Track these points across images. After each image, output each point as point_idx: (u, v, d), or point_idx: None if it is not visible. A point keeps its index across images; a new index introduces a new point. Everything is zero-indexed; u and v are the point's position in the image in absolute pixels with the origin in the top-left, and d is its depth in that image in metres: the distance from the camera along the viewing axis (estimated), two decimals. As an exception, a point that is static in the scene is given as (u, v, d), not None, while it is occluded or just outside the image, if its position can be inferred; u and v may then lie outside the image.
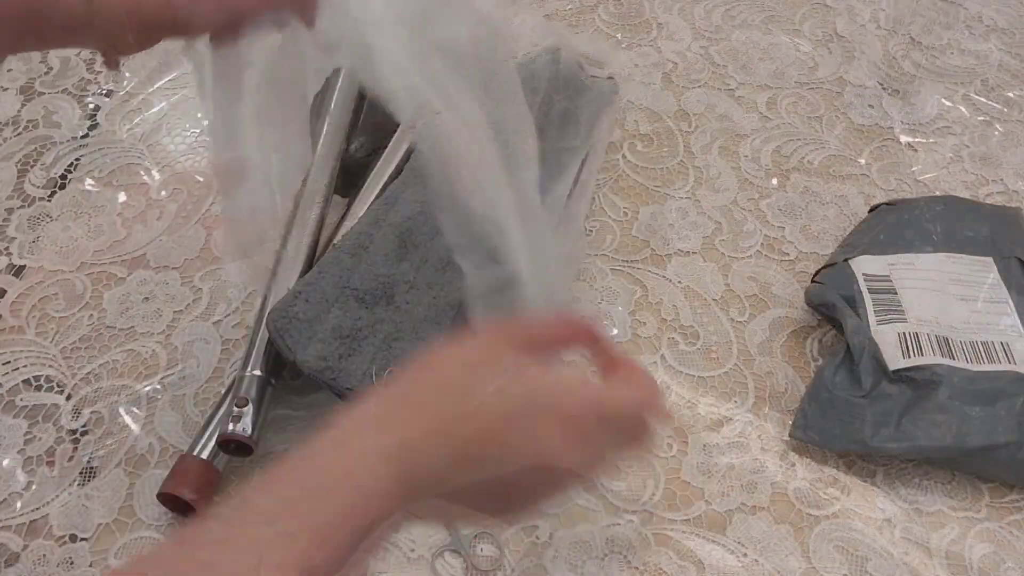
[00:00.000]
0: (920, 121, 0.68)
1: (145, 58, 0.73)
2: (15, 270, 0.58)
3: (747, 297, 0.57)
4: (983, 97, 0.70)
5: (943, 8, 0.78)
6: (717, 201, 0.62)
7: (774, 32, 0.75)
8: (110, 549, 0.46)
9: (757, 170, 0.64)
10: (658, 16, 0.77)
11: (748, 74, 0.72)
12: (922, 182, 0.64)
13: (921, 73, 0.72)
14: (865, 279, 0.53)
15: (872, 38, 0.75)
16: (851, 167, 0.65)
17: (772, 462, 0.50)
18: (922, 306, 0.51)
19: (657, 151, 0.66)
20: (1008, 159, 0.66)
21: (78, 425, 0.50)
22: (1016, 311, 0.51)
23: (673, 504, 0.48)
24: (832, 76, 0.72)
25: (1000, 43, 0.75)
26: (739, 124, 0.68)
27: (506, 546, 0.46)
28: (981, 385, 0.48)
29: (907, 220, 0.56)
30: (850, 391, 0.49)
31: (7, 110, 0.68)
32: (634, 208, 0.62)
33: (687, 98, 0.70)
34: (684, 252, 0.59)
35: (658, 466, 0.49)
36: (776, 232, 0.61)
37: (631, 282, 0.58)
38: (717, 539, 0.47)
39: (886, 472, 0.49)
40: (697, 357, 0.54)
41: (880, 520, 0.47)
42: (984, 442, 0.46)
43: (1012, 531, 0.47)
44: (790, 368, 0.54)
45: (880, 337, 0.50)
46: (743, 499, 0.48)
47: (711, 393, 0.52)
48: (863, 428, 0.47)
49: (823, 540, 0.47)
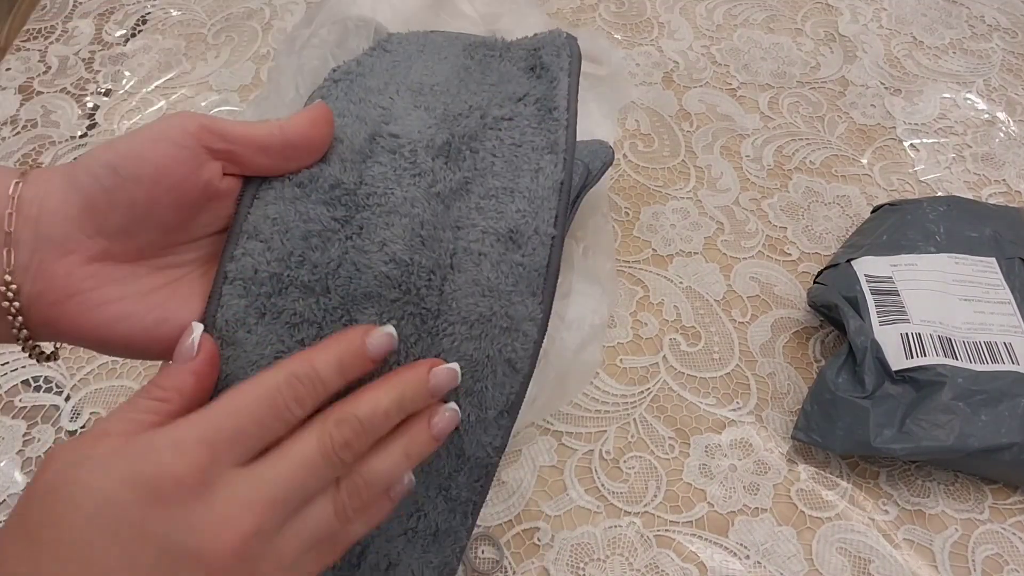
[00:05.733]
0: (922, 121, 0.68)
1: (144, 57, 0.73)
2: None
3: (749, 298, 0.57)
4: (986, 97, 0.70)
5: (945, 8, 0.78)
6: (719, 201, 0.62)
7: (776, 31, 0.75)
8: (109, 551, 0.46)
9: (759, 170, 0.64)
10: (659, 15, 0.77)
11: (750, 73, 0.71)
12: (925, 182, 0.64)
13: (923, 73, 0.72)
14: (867, 280, 0.52)
15: (874, 38, 0.75)
16: (853, 167, 0.65)
17: (774, 464, 0.49)
18: (925, 307, 0.51)
19: (658, 151, 0.66)
20: (1011, 159, 0.65)
21: (77, 426, 0.50)
22: (1019, 311, 0.51)
23: (675, 506, 0.48)
24: (834, 76, 0.71)
25: (1003, 43, 0.75)
26: (741, 124, 0.67)
27: (506, 548, 0.46)
28: (984, 386, 0.48)
29: (910, 221, 0.55)
30: (853, 392, 0.48)
31: (5, 109, 0.68)
32: (635, 208, 0.62)
33: (688, 98, 0.69)
34: (685, 252, 0.59)
35: (660, 468, 0.49)
36: (778, 232, 0.60)
37: (632, 282, 0.58)
38: (719, 541, 0.46)
39: (889, 474, 0.49)
40: (699, 358, 0.54)
41: (883, 522, 0.47)
42: (987, 443, 0.46)
43: (1015, 533, 0.47)
44: (792, 369, 0.53)
45: (883, 338, 0.50)
46: (745, 501, 0.48)
47: (713, 394, 0.52)
48: (866, 429, 0.47)
49: (826, 542, 0.46)
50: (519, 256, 0.32)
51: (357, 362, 0.29)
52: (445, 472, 0.33)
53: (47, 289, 0.28)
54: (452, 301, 0.31)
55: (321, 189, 0.32)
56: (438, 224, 0.32)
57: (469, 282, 0.32)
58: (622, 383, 0.53)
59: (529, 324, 0.32)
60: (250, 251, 0.31)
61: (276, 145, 0.31)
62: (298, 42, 0.56)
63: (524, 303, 0.32)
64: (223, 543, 0.25)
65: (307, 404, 0.28)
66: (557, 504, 0.48)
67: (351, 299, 0.31)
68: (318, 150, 0.32)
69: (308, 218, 0.31)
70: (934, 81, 0.71)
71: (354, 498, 0.29)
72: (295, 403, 0.28)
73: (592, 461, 0.49)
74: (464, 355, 0.31)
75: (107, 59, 0.73)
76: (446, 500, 0.33)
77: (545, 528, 0.47)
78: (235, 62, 0.72)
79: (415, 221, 0.31)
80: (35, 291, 0.28)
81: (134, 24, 0.77)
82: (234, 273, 0.31)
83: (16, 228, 0.28)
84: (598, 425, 0.51)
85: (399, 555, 0.34)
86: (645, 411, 0.51)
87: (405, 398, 0.30)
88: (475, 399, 0.32)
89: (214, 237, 0.32)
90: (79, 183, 0.28)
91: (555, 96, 0.35)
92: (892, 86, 0.71)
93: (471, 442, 0.32)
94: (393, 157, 0.33)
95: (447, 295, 0.31)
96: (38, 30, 0.76)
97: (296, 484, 0.27)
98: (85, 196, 0.28)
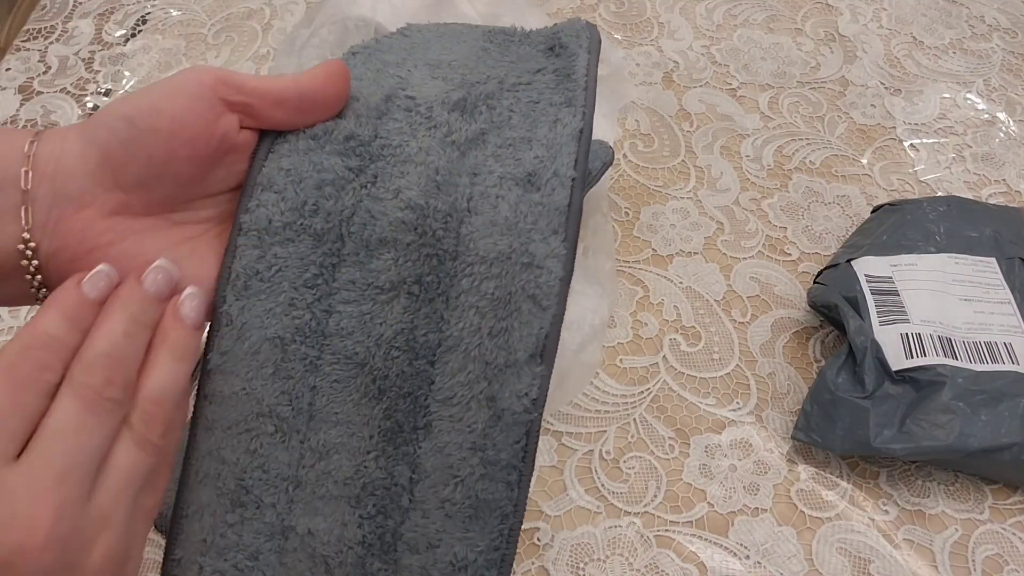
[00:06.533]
0: (922, 121, 0.68)
1: (144, 57, 0.73)
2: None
3: (749, 298, 0.57)
4: (986, 97, 0.70)
5: (945, 8, 0.78)
6: (719, 201, 0.62)
7: (776, 31, 0.75)
8: (109, 551, 0.46)
9: (759, 170, 0.64)
10: (659, 15, 0.77)
11: (750, 73, 0.71)
12: (924, 182, 0.64)
13: (923, 73, 0.72)
14: (867, 280, 0.52)
15: (874, 37, 0.75)
16: (853, 167, 0.65)
17: (774, 464, 0.49)
18: (925, 307, 0.51)
19: (658, 151, 0.66)
20: (1011, 159, 0.65)
21: (77, 426, 0.50)
22: (1019, 311, 0.51)
23: (675, 506, 0.48)
24: (834, 76, 0.71)
25: (1003, 43, 0.75)
26: (741, 124, 0.67)
27: (507, 548, 0.46)
28: (984, 386, 0.48)
29: (910, 221, 0.55)
30: (852, 392, 0.48)
31: (5, 109, 0.68)
32: (635, 208, 0.62)
33: (688, 98, 0.69)
34: (685, 252, 0.59)
35: (660, 468, 0.49)
36: (778, 232, 0.60)
37: (632, 282, 0.58)
38: (719, 541, 0.46)
39: (889, 474, 0.49)
40: (699, 358, 0.54)
41: (883, 522, 0.47)
42: (987, 443, 0.46)
43: (1015, 533, 0.47)
44: (792, 369, 0.53)
45: (883, 338, 0.50)
46: (745, 501, 0.48)
47: (713, 394, 0.52)
48: (866, 429, 0.47)
49: (826, 542, 0.46)
50: (538, 196, 0.31)
51: (81, 309, 0.28)
52: (478, 428, 0.31)
53: (65, 245, 0.28)
54: (470, 242, 0.31)
55: (335, 141, 0.32)
56: (453, 170, 0.32)
57: (487, 223, 0.31)
58: (622, 383, 0.53)
59: (552, 260, 0.30)
60: (264, 202, 0.31)
61: (292, 98, 0.31)
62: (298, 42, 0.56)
63: (546, 241, 0.31)
64: (34, 539, 0.24)
65: (54, 366, 0.27)
66: (557, 504, 0.48)
67: (365, 245, 0.31)
68: (334, 105, 0.32)
69: (322, 168, 0.31)
70: (934, 81, 0.71)
71: (151, 424, 0.28)
72: (39, 371, 0.26)
73: (592, 461, 0.49)
74: (485, 294, 0.30)
75: (107, 59, 0.73)
76: (483, 463, 0.31)
77: (545, 528, 0.47)
78: (235, 62, 0.72)
79: (430, 168, 0.31)
80: (53, 248, 0.28)
81: (134, 24, 0.77)
82: (248, 224, 0.31)
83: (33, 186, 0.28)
84: (598, 425, 0.51)
85: (439, 534, 0.31)
86: (645, 411, 0.51)
87: (134, 313, 0.28)
88: (501, 340, 0.30)
89: (231, 194, 0.32)
90: (96, 137, 0.29)
91: (574, 67, 0.34)
92: (892, 86, 0.71)
93: (503, 391, 0.30)
94: (409, 114, 0.33)
95: (464, 237, 0.31)
96: (38, 30, 0.76)
97: (75, 447, 0.26)
98: (102, 149, 0.28)
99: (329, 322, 0.31)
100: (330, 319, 0.31)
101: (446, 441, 0.31)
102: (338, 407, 0.31)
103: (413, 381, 0.31)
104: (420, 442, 0.31)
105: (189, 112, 0.29)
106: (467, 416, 0.31)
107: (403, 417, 0.31)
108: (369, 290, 0.31)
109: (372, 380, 0.31)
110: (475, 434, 0.31)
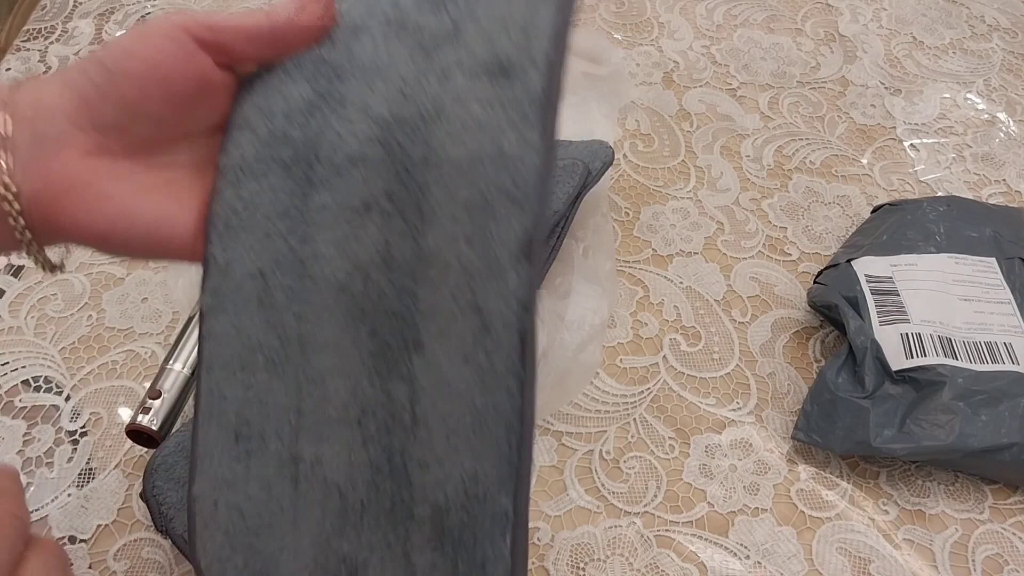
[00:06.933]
0: (922, 121, 0.68)
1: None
2: (13, 270, 0.57)
3: (749, 298, 0.57)
4: (986, 97, 0.70)
5: (945, 8, 0.78)
6: (719, 201, 0.62)
7: (776, 31, 0.75)
8: (109, 551, 0.46)
9: (759, 170, 0.64)
10: (659, 15, 0.77)
11: (750, 74, 0.71)
12: (924, 182, 0.64)
13: (923, 73, 0.72)
14: (867, 280, 0.52)
15: (874, 37, 0.75)
16: (853, 167, 0.65)
17: (774, 464, 0.49)
18: (925, 307, 0.51)
19: (658, 151, 0.66)
20: (1011, 159, 0.65)
21: (77, 426, 0.50)
22: (1019, 311, 0.51)
23: (675, 506, 0.48)
24: (834, 76, 0.71)
25: (1003, 43, 0.75)
26: (741, 124, 0.67)
27: (507, 548, 0.46)
28: (984, 386, 0.48)
29: (910, 221, 0.55)
30: (853, 392, 0.48)
31: (6, 109, 0.68)
32: (635, 208, 0.62)
33: (688, 98, 0.69)
34: (686, 252, 0.59)
35: (660, 468, 0.49)
36: (778, 232, 0.60)
37: (632, 282, 0.58)
38: (719, 541, 0.46)
39: (889, 474, 0.49)
40: (699, 358, 0.54)
41: (883, 522, 0.47)
42: (987, 443, 0.46)
43: (1015, 533, 0.47)
44: (792, 369, 0.53)
45: (883, 338, 0.50)
46: (745, 501, 0.48)
47: (713, 394, 0.52)
48: (866, 429, 0.47)
49: (826, 542, 0.46)
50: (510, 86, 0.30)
51: None
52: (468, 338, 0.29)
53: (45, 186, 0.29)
54: (440, 148, 0.30)
55: (305, 69, 0.32)
56: (421, 75, 0.31)
57: (457, 126, 0.30)
58: (622, 383, 0.53)
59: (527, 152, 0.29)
60: (239, 142, 0.31)
61: (264, 32, 0.31)
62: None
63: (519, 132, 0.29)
64: None
65: None
66: (557, 504, 0.48)
67: (336, 169, 0.31)
68: (311, 34, 0.32)
69: (290, 97, 0.31)
70: (934, 81, 0.71)
71: None
72: None
73: (592, 461, 0.49)
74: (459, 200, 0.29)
75: (107, 59, 0.73)
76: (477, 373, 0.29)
77: (545, 528, 0.47)
78: (235, 62, 0.72)
79: (397, 78, 0.31)
80: (33, 190, 0.29)
81: (134, 24, 0.77)
82: (226, 165, 0.31)
83: (13, 131, 0.29)
84: (598, 425, 0.51)
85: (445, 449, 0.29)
86: (645, 411, 0.51)
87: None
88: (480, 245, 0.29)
89: (214, 137, 0.32)
90: (71, 80, 0.29)
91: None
92: (892, 86, 0.71)
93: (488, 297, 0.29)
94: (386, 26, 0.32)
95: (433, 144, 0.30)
96: (38, 30, 0.76)
97: None
98: (78, 92, 0.29)
99: (305, 249, 0.31)
100: (306, 246, 0.31)
101: (438, 354, 0.29)
102: (325, 333, 0.31)
103: (396, 299, 0.30)
104: (413, 359, 0.30)
105: (160, 53, 0.30)
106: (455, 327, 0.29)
107: (391, 336, 0.30)
108: (342, 212, 0.31)
109: (354, 302, 0.30)
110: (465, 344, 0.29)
